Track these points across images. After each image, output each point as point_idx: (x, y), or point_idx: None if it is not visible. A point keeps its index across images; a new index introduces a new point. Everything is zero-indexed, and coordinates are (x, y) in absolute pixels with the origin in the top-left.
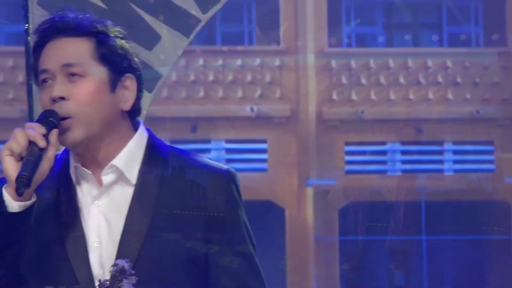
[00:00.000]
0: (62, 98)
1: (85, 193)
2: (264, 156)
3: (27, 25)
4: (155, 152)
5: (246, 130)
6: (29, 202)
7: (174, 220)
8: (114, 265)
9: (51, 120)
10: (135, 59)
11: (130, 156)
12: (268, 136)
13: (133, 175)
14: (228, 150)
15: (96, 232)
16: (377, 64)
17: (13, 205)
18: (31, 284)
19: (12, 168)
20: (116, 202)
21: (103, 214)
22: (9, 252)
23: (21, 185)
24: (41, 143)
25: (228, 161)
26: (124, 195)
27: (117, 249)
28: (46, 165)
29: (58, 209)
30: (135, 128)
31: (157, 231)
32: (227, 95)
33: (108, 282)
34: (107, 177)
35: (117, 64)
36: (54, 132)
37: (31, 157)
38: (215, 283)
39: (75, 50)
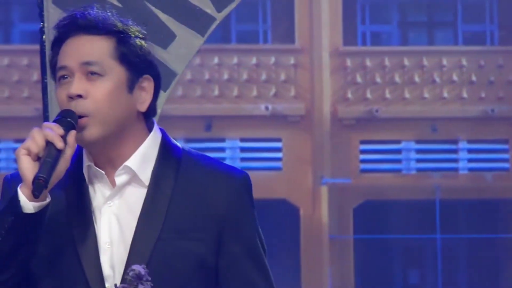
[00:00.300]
0: (80, 96)
1: (97, 192)
2: (279, 154)
3: (42, 23)
4: (168, 153)
5: (261, 128)
6: (44, 203)
7: (187, 222)
8: (131, 270)
9: (69, 120)
10: (154, 59)
11: (143, 157)
12: (283, 135)
13: (146, 176)
14: (243, 149)
15: (108, 233)
16: (392, 63)
17: (29, 205)
18: (41, 283)
19: (28, 168)
20: (128, 203)
21: (115, 215)
22: (22, 252)
23: (38, 187)
24: (59, 144)
25: (243, 159)
26: (136, 196)
27: (128, 251)
28: (62, 166)
29: (69, 208)
30: (149, 128)
31: (170, 233)
32: (242, 94)
33: (123, 287)
34: (120, 178)
35: (136, 65)
36: (72, 133)
37: (48, 158)
38: (225, 287)
39: (95, 48)
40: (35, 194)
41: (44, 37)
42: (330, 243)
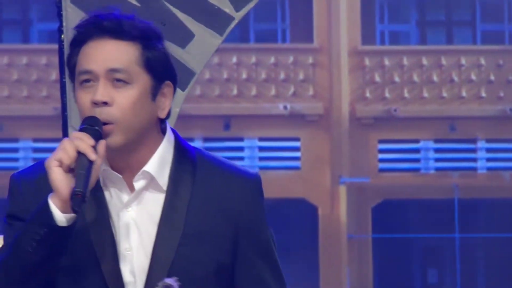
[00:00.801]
0: (105, 103)
1: (114, 197)
2: (297, 154)
3: (60, 23)
4: (183, 156)
5: (279, 128)
6: (74, 215)
7: (205, 227)
8: (164, 284)
9: (97, 129)
10: (172, 62)
11: (161, 161)
12: (301, 134)
13: (164, 181)
14: (261, 148)
15: (127, 239)
16: (410, 62)
17: (61, 218)
18: None
19: (61, 180)
20: (147, 209)
21: (134, 221)
22: (50, 264)
23: (78, 202)
24: (92, 156)
25: (261, 159)
26: (155, 201)
27: (150, 257)
28: (94, 177)
29: (86, 213)
30: (163, 130)
31: (190, 239)
32: (260, 93)
33: None
34: (138, 183)
35: (160, 72)
36: (102, 143)
37: (82, 170)
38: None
39: (122, 55)
40: (75, 210)
41: (62, 36)
42: (349, 243)
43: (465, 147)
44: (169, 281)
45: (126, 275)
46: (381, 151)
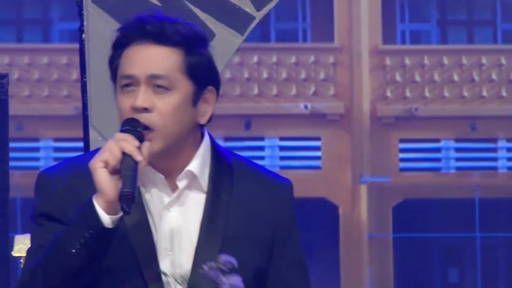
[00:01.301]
0: (145, 109)
1: (154, 197)
2: (318, 153)
3: (81, 22)
4: (220, 158)
5: (300, 127)
6: (118, 216)
7: (245, 230)
8: (220, 262)
9: (139, 131)
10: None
11: (202, 162)
12: (322, 134)
13: (205, 182)
14: (282, 148)
15: (168, 240)
16: (431, 61)
17: (107, 219)
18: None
19: (107, 181)
20: (189, 209)
21: (176, 221)
22: (93, 266)
23: (128, 203)
24: (138, 157)
25: (282, 158)
26: (196, 202)
27: (192, 259)
28: (139, 178)
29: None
30: (202, 134)
31: (231, 241)
32: (281, 93)
33: (215, 269)
34: (181, 182)
35: (202, 78)
36: (146, 145)
37: (128, 171)
38: None
39: (163, 61)
40: (126, 211)
41: (83, 36)
42: (369, 242)
43: (486, 146)
44: (226, 257)
45: (166, 275)
46: (402, 150)
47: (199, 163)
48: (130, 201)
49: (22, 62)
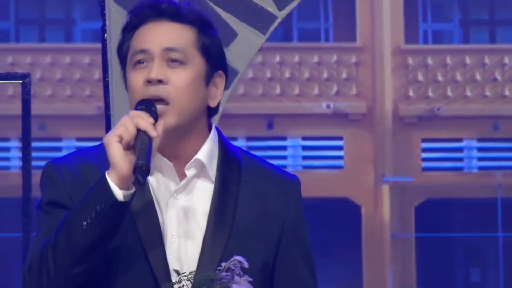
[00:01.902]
0: (160, 81)
1: (161, 185)
2: (340, 153)
3: (103, 22)
4: (228, 151)
5: (322, 127)
6: (132, 191)
7: (253, 222)
8: (232, 263)
9: (154, 110)
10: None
11: (210, 152)
12: (344, 133)
13: (212, 172)
14: (304, 147)
15: (176, 227)
16: (454, 61)
17: (119, 194)
18: (107, 275)
19: (120, 155)
20: (196, 198)
21: (183, 209)
22: (105, 242)
23: (143, 174)
24: (153, 133)
25: (304, 158)
26: (203, 191)
27: (200, 248)
28: (153, 154)
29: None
30: (209, 126)
31: (239, 232)
32: (304, 92)
33: (226, 270)
34: (190, 170)
35: (214, 58)
36: (161, 123)
37: (143, 146)
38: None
39: (178, 35)
40: (140, 181)
41: (105, 35)
42: (392, 242)
43: (509, 146)
44: (239, 258)
45: (173, 263)
46: (424, 150)
47: (207, 153)
48: (145, 173)
49: (44, 62)
